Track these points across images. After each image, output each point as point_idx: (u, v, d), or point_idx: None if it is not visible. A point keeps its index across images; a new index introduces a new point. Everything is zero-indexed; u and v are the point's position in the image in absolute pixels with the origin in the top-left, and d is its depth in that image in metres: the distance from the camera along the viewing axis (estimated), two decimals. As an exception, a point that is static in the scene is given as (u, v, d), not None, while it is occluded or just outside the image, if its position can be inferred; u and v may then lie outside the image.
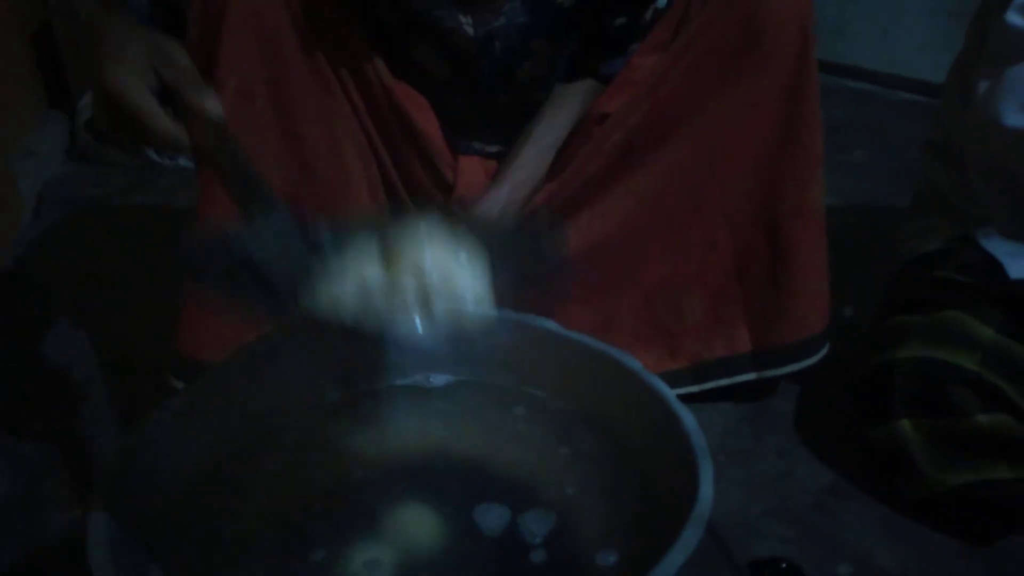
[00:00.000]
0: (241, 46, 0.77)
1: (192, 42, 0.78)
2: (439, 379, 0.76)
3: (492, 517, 0.64)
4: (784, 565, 0.76)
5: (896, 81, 1.98)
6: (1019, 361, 0.83)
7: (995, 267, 0.92)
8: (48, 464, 0.90)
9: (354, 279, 0.57)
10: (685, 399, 0.94)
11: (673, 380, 0.95)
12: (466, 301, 0.58)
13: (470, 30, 0.87)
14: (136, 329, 1.12)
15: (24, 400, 1.01)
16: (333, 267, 0.57)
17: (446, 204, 0.95)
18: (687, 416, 0.62)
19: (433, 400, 0.76)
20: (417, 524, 0.65)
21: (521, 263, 0.64)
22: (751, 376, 0.96)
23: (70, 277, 1.24)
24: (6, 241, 1.29)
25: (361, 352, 0.57)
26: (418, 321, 0.57)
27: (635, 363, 0.69)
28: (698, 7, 0.87)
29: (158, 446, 0.62)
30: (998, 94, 0.85)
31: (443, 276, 0.57)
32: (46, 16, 1.65)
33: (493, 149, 0.98)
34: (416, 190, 0.96)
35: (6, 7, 1.58)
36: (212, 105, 0.59)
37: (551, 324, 0.74)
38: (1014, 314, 0.87)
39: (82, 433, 0.94)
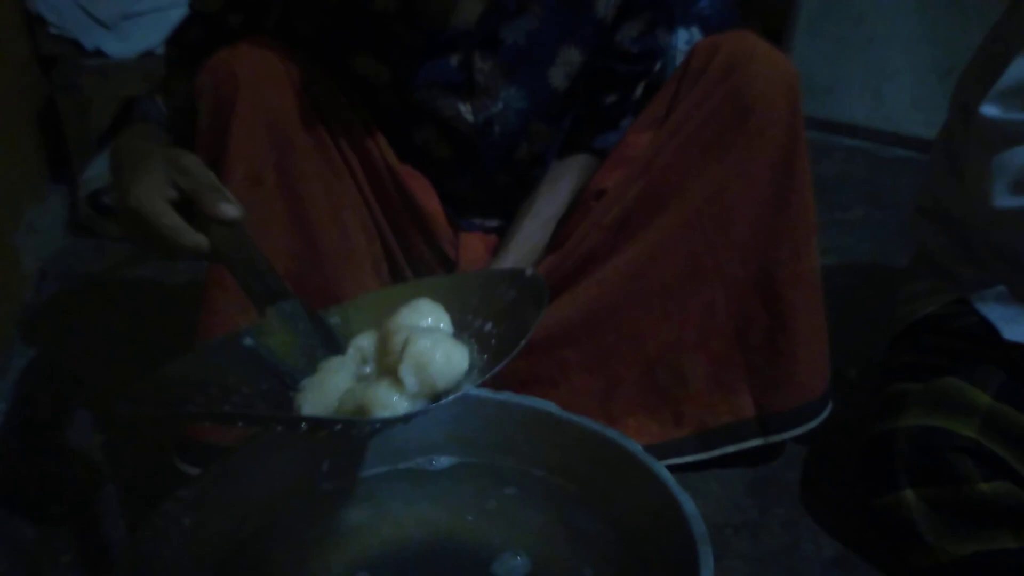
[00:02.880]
0: (250, 134, 0.79)
1: (203, 130, 0.81)
2: (442, 462, 0.76)
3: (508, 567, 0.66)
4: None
5: (890, 138, 2.00)
6: (1016, 427, 0.83)
7: (990, 331, 0.93)
8: (49, 550, 0.89)
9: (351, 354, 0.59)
10: (691, 467, 0.95)
11: (679, 448, 0.95)
12: (465, 385, 0.58)
13: (470, 117, 0.89)
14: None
15: (25, 480, 1.00)
16: (334, 365, 0.58)
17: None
18: (687, 502, 0.62)
19: (435, 483, 0.76)
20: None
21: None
22: (757, 442, 0.97)
23: (74, 352, 1.24)
24: (11, 316, 1.29)
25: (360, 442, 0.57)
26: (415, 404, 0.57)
27: (635, 445, 0.69)
28: (689, 86, 0.89)
29: (173, 533, 0.62)
30: (986, 178, 0.86)
31: (444, 358, 0.57)
32: (51, 91, 1.69)
33: (493, 224, 1.00)
34: (419, 266, 0.97)
35: (13, 85, 1.61)
36: (227, 209, 0.62)
37: (551, 406, 0.74)
38: (1011, 379, 0.87)
39: (87, 519, 0.93)
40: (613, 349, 0.94)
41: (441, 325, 0.60)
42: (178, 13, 1.71)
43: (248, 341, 0.61)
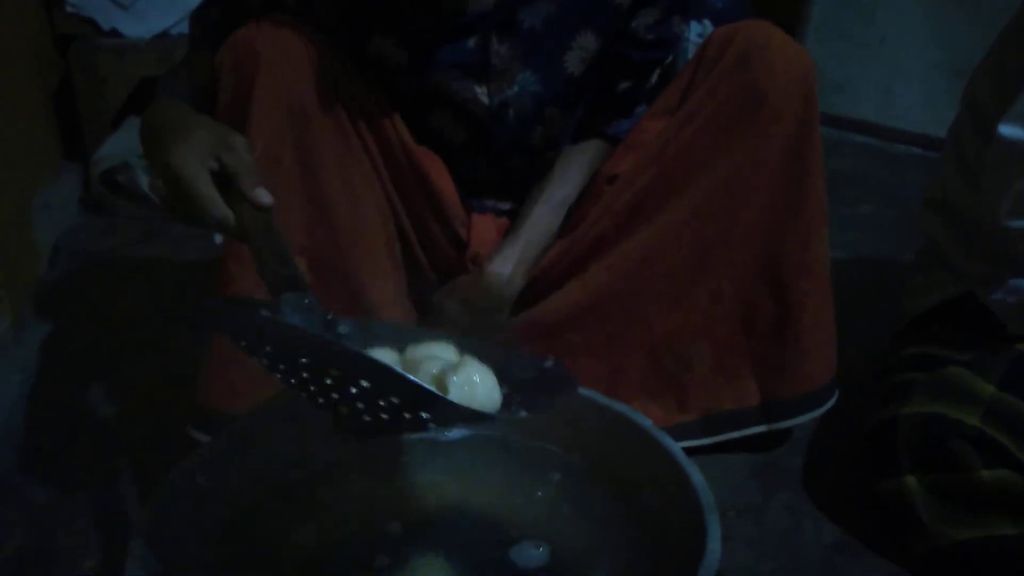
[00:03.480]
0: (270, 113, 0.80)
1: (223, 107, 0.82)
2: (454, 433, 0.77)
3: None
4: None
5: (899, 135, 2.00)
6: (1020, 416, 0.84)
7: (996, 324, 0.94)
8: (63, 516, 0.91)
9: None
10: (695, 451, 0.96)
11: (683, 432, 0.96)
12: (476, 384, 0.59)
13: (485, 99, 0.90)
14: (153, 379, 1.13)
15: (39, 451, 1.02)
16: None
17: (460, 261, 0.98)
18: (695, 473, 0.63)
19: (447, 453, 0.77)
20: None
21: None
22: (761, 428, 0.98)
23: (86, 327, 1.26)
24: (25, 292, 1.31)
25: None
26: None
27: (644, 420, 0.70)
28: (704, 74, 0.90)
29: (189, 492, 0.63)
30: (1000, 197, 0.88)
31: (488, 387, 0.60)
32: (67, 70, 1.70)
33: (506, 207, 1.01)
34: (431, 246, 0.99)
35: (30, 63, 1.62)
36: (263, 194, 0.64)
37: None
38: (1015, 369, 0.88)
39: (101, 486, 0.95)
40: (620, 334, 0.95)
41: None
42: (194, -4, 1.74)
43: (264, 314, 0.62)
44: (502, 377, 0.61)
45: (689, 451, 0.95)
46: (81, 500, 0.93)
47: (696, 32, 2.26)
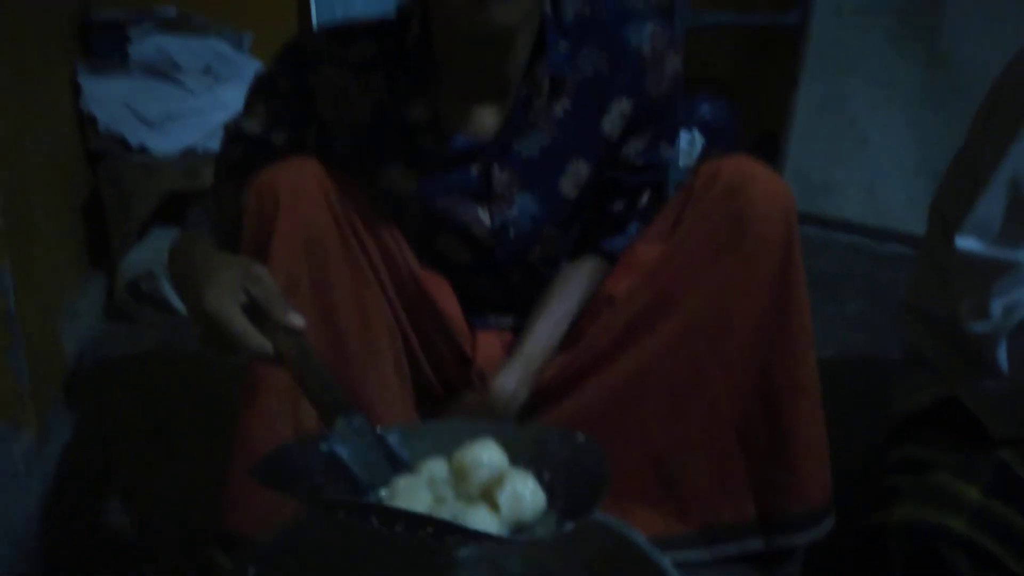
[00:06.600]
0: (289, 247, 0.87)
1: (247, 242, 0.89)
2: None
3: None
4: None
5: (885, 234, 2.06)
6: (1005, 522, 0.86)
7: (980, 426, 0.97)
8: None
9: (423, 476, 0.67)
10: (697, 566, 0.97)
11: (684, 543, 0.98)
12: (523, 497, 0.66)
13: (487, 221, 0.98)
14: (173, 495, 1.16)
15: (60, 566, 1.03)
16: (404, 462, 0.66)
17: (466, 376, 1.03)
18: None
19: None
20: None
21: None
22: (758, 543, 0.99)
23: (108, 439, 1.30)
24: (50, 401, 1.35)
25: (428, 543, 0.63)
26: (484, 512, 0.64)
27: (639, 536, 0.74)
28: (693, 204, 0.96)
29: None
30: (967, 308, 0.93)
31: (534, 497, 0.66)
32: (96, 184, 1.80)
33: (508, 322, 1.07)
34: (437, 363, 1.04)
35: (63, 179, 1.72)
36: (295, 318, 0.71)
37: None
38: (999, 475, 0.90)
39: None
40: (621, 445, 0.98)
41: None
42: (218, 116, 1.87)
43: (325, 447, 0.66)
44: (540, 457, 0.67)
45: (691, 565, 0.97)
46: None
47: (686, 140, 2.37)
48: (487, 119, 0.95)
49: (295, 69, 0.94)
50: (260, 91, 0.96)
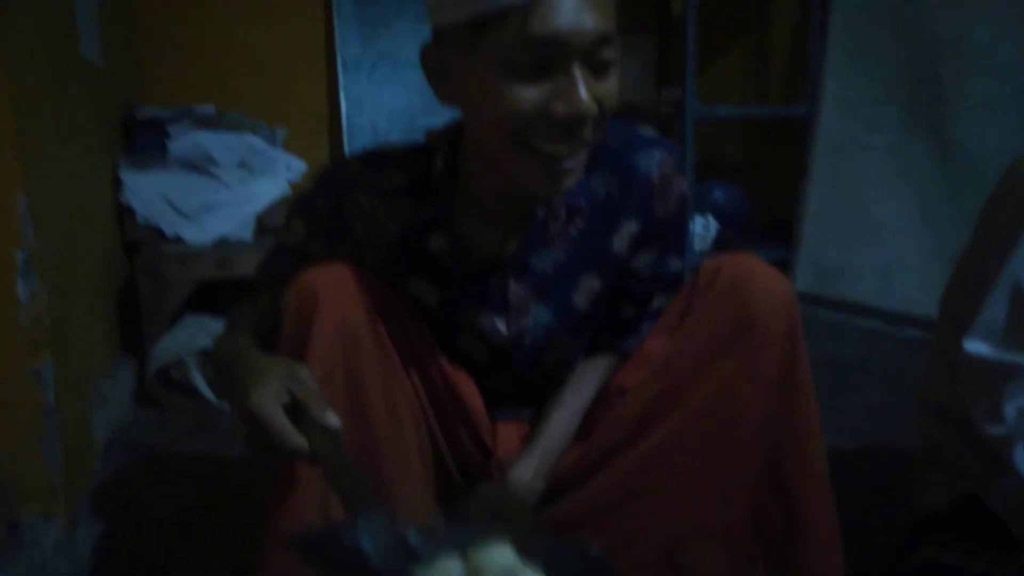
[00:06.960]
0: (327, 342, 0.93)
1: (287, 337, 0.94)
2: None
3: None
4: None
5: (902, 318, 2.06)
6: None
7: (1003, 526, 0.97)
8: None
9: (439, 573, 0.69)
10: None
11: (701, 631, 0.99)
12: None
13: (504, 330, 1.04)
14: None
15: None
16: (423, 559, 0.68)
17: (486, 466, 1.06)
18: None
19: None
20: None
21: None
22: None
23: (137, 527, 1.32)
24: (80, 488, 1.37)
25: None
26: None
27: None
28: (699, 298, 1.01)
29: None
30: (978, 410, 0.95)
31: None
32: (132, 273, 1.87)
33: (527, 415, 1.11)
34: (459, 452, 1.08)
35: (101, 268, 1.80)
36: (331, 419, 0.77)
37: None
38: None
39: None
40: (636, 534, 1.00)
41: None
42: (251, 208, 1.95)
43: (348, 540, 0.69)
44: (554, 568, 0.68)
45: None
46: None
47: (700, 225, 2.43)
48: (505, 238, 1.01)
49: (331, 193, 1.01)
50: (299, 210, 1.04)
